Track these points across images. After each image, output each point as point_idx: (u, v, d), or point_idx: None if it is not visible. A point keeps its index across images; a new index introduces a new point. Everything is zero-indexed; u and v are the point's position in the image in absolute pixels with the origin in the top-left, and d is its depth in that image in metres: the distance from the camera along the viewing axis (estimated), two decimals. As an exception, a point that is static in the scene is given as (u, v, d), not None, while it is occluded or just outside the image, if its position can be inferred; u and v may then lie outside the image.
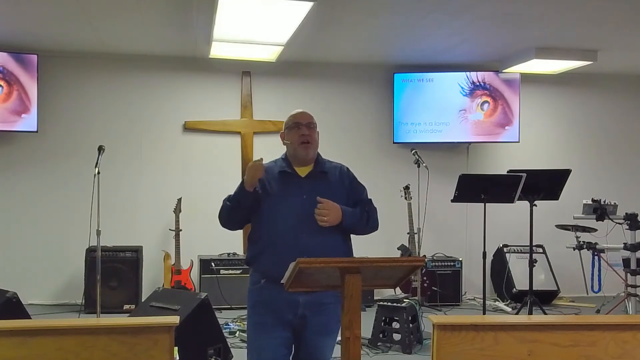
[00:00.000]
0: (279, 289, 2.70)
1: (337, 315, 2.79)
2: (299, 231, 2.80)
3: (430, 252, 7.05)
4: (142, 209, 6.87)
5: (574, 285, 6.96)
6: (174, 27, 5.77)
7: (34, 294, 6.50)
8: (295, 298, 2.78)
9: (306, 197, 2.86)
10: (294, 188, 2.90)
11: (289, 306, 2.81)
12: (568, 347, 2.58)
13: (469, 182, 5.47)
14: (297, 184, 2.91)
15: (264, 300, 2.88)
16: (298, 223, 2.82)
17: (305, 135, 2.97)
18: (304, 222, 2.81)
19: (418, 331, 5.19)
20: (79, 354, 2.45)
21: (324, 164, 3.03)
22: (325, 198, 2.85)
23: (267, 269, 2.86)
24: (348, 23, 5.63)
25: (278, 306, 2.82)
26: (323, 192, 2.88)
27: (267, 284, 2.86)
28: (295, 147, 2.96)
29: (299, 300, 2.79)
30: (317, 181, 2.94)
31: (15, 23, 5.73)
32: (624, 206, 6.07)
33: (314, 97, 7.22)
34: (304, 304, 2.80)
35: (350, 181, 3.04)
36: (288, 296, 2.75)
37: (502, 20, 5.47)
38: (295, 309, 2.81)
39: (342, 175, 3.03)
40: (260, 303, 2.90)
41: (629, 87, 7.84)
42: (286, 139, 3.01)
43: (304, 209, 2.83)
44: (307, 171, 2.96)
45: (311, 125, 3.03)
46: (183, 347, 3.23)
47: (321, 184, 2.94)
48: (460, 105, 7.24)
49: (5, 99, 6.39)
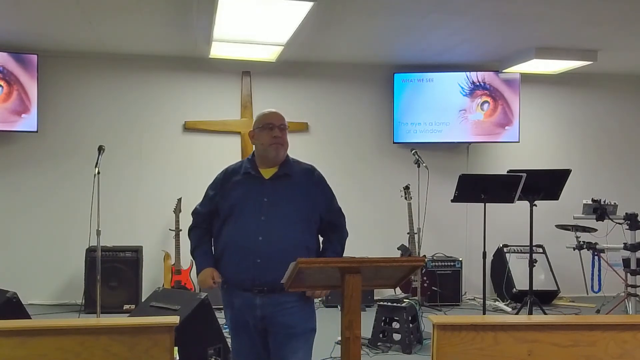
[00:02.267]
0: (237, 292, 2.83)
1: (302, 316, 2.84)
2: (258, 235, 2.78)
3: (430, 252, 7.05)
4: (142, 209, 6.87)
5: (574, 285, 6.96)
6: (174, 27, 5.77)
7: (34, 294, 6.50)
8: (252, 301, 2.80)
9: (267, 199, 2.84)
10: (256, 191, 2.87)
11: (248, 309, 2.82)
12: (568, 347, 2.58)
13: (469, 182, 5.47)
14: (259, 187, 2.88)
15: (228, 304, 2.93)
16: (258, 227, 2.79)
17: (278, 137, 2.90)
18: (263, 226, 2.79)
19: (418, 331, 5.19)
20: (79, 354, 2.46)
21: (291, 166, 2.95)
22: (286, 200, 2.84)
23: (227, 272, 2.88)
24: (348, 23, 5.63)
25: (240, 309, 2.86)
26: (285, 195, 2.86)
27: (228, 288, 2.90)
28: (266, 148, 2.91)
29: (257, 303, 2.80)
30: (280, 183, 2.89)
31: (15, 23, 5.73)
32: (624, 206, 6.07)
33: (314, 97, 7.23)
34: (262, 305, 2.80)
35: (318, 185, 2.97)
36: (246, 299, 2.80)
37: (502, 20, 5.47)
38: (254, 311, 2.81)
39: (309, 177, 2.96)
40: (226, 306, 2.95)
41: (629, 87, 7.84)
42: (256, 139, 2.96)
43: (265, 212, 2.81)
44: (271, 173, 2.91)
45: (283, 126, 2.94)
46: (183, 347, 3.24)
47: (284, 186, 2.89)
48: (460, 105, 7.24)
49: (5, 99, 6.39)
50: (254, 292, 2.79)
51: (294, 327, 2.83)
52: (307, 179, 2.95)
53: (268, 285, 2.75)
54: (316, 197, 2.92)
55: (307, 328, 2.88)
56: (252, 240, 2.78)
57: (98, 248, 5.28)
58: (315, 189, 2.94)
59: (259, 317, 2.82)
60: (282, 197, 2.85)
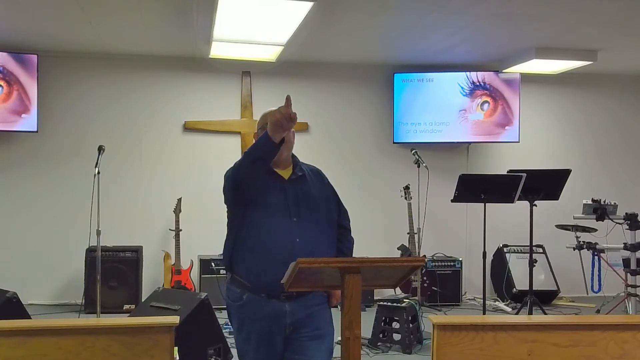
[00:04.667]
0: (262, 302, 2.62)
1: (325, 317, 2.75)
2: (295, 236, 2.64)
3: (430, 252, 7.05)
4: (142, 209, 6.87)
5: (574, 285, 6.97)
6: (174, 27, 5.77)
7: (34, 294, 6.50)
8: (282, 308, 2.63)
9: (294, 200, 2.71)
10: (280, 192, 2.72)
11: (277, 318, 2.63)
12: (568, 347, 2.58)
13: (469, 182, 5.47)
14: (282, 187, 2.73)
15: (250, 316, 2.67)
16: (291, 227, 2.65)
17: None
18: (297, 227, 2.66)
19: (418, 331, 5.19)
20: (79, 354, 2.45)
21: (302, 167, 2.85)
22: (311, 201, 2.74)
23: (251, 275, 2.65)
24: (348, 23, 5.63)
25: (266, 320, 2.64)
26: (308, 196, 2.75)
27: (249, 299, 2.66)
28: None
29: (286, 310, 2.63)
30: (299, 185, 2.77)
31: (15, 23, 5.73)
32: (624, 206, 6.08)
33: (314, 97, 7.23)
34: (291, 311, 2.64)
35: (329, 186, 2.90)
36: (274, 308, 2.62)
37: (502, 20, 5.47)
38: (284, 319, 2.64)
39: (320, 179, 2.89)
40: (246, 320, 2.69)
41: (629, 87, 7.84)
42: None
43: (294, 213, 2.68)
44: (288, 174, 2.78)
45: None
46: (183, 347, 3.23)
47: (304, 187, 2.78)
48: (460, 105, 7.24)
49: (5, 99, 6.39)
50: (281, 299, 2.62)
51: (320, 329, 2.72)
52: (319, 181, 2.89)
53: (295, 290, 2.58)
54: (330, 198, 2.88)
55: (331, 330, 2.76)
56: (288, 241, 2.62)
57: (98, 248, 5.28)
58: (328, 190, 2.89)
59: (288, 324, 2.65)
60: (307, 198, 2.75)
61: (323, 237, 2.73)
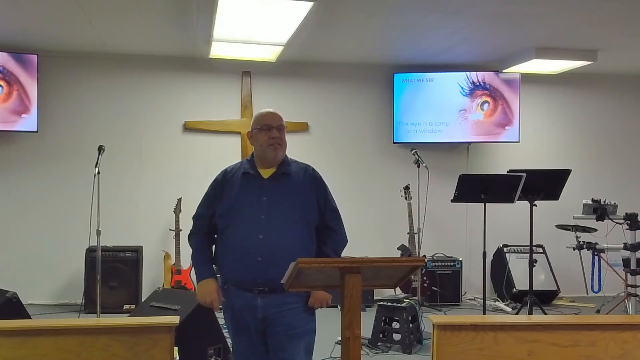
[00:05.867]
0: (239, 293, 2.82)
1: (303, 317, 2.84)
2: (259, 233, 2.78)
3: (430, 252, 7.05)
4: (142, 209, 6.87)
5: (574, 285, 6.96)
6: (174, 27, 5.77)
7: (34, 294, 6.50)
8: (254, 302, 2.79)
9: (266, 198, 2.84)
10: (255, 190, 2.88)
11: (249, 310, 2.81)
12: (568, 347, 2.58)
13: (469, 182, 5.47)
14: (259, 186, 2.88)
15: (229, 304, 2.91)
16: (258, 225, 2.79)
17: (275, 138, 2.89)
18: (264, 224, 2.79)
19: (418, 331, 5.19)
20: (79, 354, 2.46)
21: (289, 166, 2.96)
22: (286, 199, 2.85)
23: (228, 272, 2.90)
24: (348, 23, 5.63)
25: (240, 311, 2.84)
26: (284, 194, 2.87)
27: (229, 288, 2.89)
28: (265, 149, 2.90)
29: (258, 304, 2.79)
30: (279, 183, 2.90)
31: (15, 23, 5.73)
32: (624, 206, 6.07)
33: (314, 97, 7.23)
34: (263, 306, 2.79)
35: (314, 184, 2.97)
36: (247, 300, 2.80)
37: (502, 20, 5.47)
38: (255, 313, 2.81)
39: (307, 176, 2.97)
40: (226, 307, 2.94)
41: (629, 87, 7.84)
42: (254, 140, 2.96)
43: (264, 211, 2.82)
44: (269, 173, 2.92)
45: (281, 127, 2.93)
46: (183, 347, 3.24)
47: (283, 185, 2.89)
48: (460, 105, 7.24)
49: (5, 99, 6.38)
50: (254, 293, 2.79)
51: (295, 328, 2.83)
52: (304, 178, 2.96)
53: (269, 285, 2.75)
54: (313, 195, 2.93)
55: (308, 329, 2.88)
56: (253, 238, 2.78)
57: (98, 248, 5.28)
58: (311, 187, 2.95)
59: (259, 318, 2.81)
60: (281, 196, 2.86)
61: (291, 236, 2.81)
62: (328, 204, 2.97)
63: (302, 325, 2.85)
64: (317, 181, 2.98)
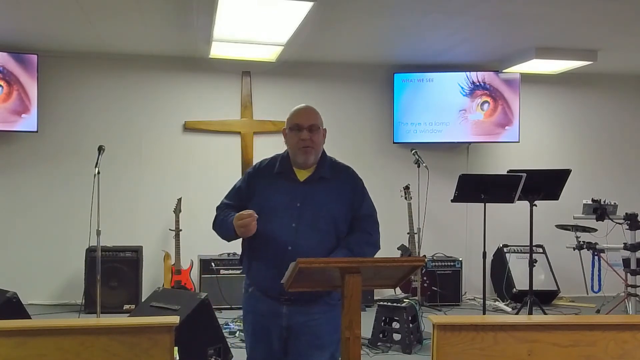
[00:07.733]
0: (264, 299, 2.71)
1: (329, 327, 2.67)
2: (288, 244, 2.64)
3: (430, 252, 7.05)
4: (142, 209, 6.87)
5: (574, 285, 6.96)
6: (174, 27, 5.77)
7: (34, 294, 6.50)
8: (279, 309, 2.68)
9: (300, 204, 2.68)
10: (289, 194, 2.70)
11: (273, 317, 2.70)
12: (568, 347, 2.58)
13: (469, 182, 5.47)
14: (293, 190, 2.71)
15: (251, 308, 2.79)
16: (288, 235, 2.65)
17: (305, 141, 2.69)
18: (294, 235, 2.65)
19: (418, 331, 5.19)
20: (79, 354, 2.45)
21: (327, 168, 2.77)
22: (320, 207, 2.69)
23: (255, 277, 2.77)
24: (348, 23, 5.63)
25: (263, 316, 2.73)
26: (319, 200, 2.70)
27: (254, 292, 2.77)
28: (295, 152, 2.73)
29: (283, 312, 2.68)
30: (314, 187, 2.72)
31: (15, 23, 5.73)
32: (624, 206, 6.07)
33: (314, 97, 7.19)
34: (288, 314, 2.68)
35: (354, 188, 2.81)
36: (272, 307, 2.69)
37: (502, 20, 5.47)
38: (279, 320, 2.69)
39: (347, 179, 2.81)
40: (248, 311, 2.81)
41: (629, 87, 7.84)
42: (286, 140, 2.79)
43: (296, 219, 2.66)
44: (306, 175, 2.74)
45: (314, 127, 2.72)
46: (183, 347, 3.23)
47: (319, 191, 2.72)
48: (460, 105, 7.24)
49: (5, 99, 6.38)
50: (280, 302, 2.68)
51: (321, 338, 2.71)
52: (342, 182, 2.79)
53: (296, 295, 2.60)
54: (349, 200, 2.77)
55: (334, 339, 2.63)
56: (282, 249, 2.64)
57: (98, 248, 5.28)
58: (349, 192, 2.78)
59: (283, 326, 2.70)
60: (315, 203, 2.68)
61: (320, 249, 2.66)
62: (363, 209, 2.83)
63: (328, 335, 2.70)
64: (356, 186, 2.82)
